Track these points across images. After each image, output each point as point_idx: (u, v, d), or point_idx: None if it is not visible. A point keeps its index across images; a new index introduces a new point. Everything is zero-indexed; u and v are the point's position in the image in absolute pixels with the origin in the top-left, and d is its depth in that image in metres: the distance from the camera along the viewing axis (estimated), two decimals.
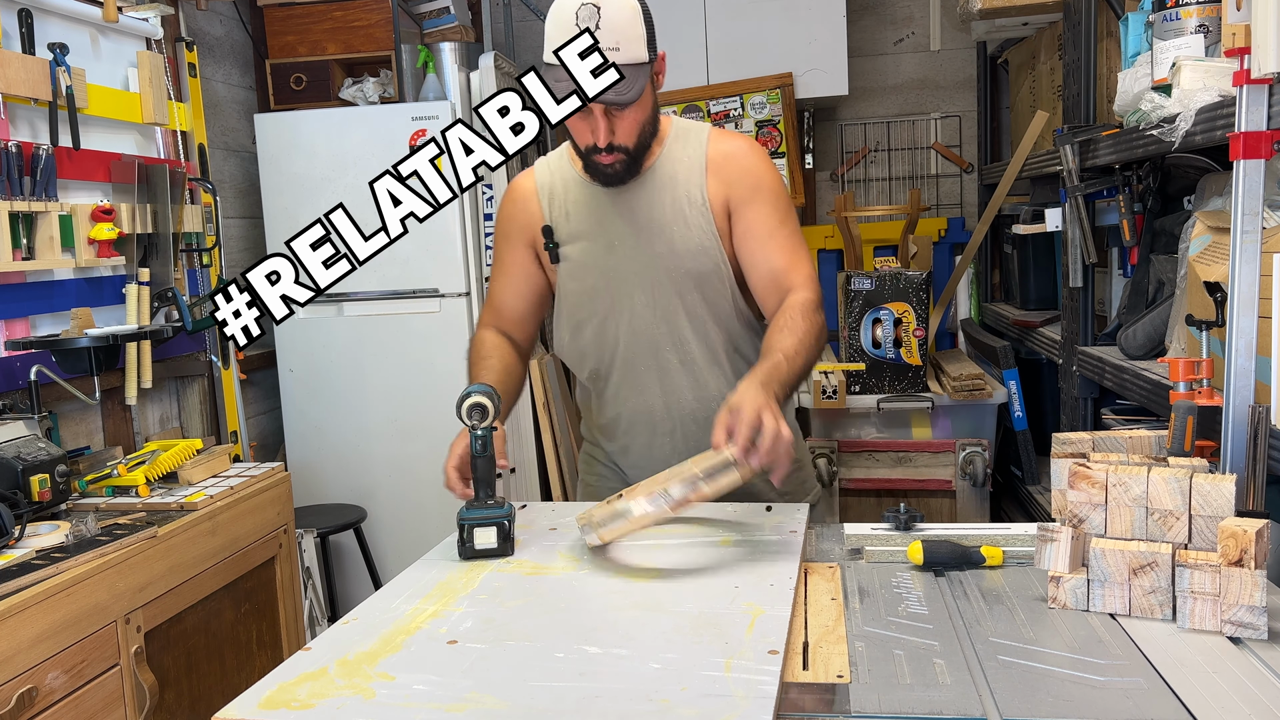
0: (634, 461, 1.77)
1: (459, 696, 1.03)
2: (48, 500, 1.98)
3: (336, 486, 3.43)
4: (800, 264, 1.67)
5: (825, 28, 3.80)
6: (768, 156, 1.73)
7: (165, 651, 2.04)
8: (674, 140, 1.70)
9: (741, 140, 1.73)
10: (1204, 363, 1.65)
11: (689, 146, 1.70)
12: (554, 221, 1.73)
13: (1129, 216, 2.35)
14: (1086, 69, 2.53)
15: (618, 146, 1.59)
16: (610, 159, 1.61)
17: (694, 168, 1.68)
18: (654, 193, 1.68)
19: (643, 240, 1.68)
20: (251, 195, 3.53)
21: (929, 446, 3.18)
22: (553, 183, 1.75)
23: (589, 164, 1.64)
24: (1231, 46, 1.43)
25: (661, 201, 1.67)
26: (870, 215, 4.10)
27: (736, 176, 1.67)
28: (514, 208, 1.78)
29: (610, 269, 1.69)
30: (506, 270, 1.80)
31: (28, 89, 2.38)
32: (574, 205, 1.72)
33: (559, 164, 1.77)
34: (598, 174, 1.65)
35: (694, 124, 1.75)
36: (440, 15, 3.71)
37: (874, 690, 1.04)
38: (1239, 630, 1.13)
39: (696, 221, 1.67)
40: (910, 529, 1.51)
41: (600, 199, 1.70)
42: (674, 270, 1.67)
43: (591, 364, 1.75)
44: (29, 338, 2.40)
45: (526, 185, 1.77)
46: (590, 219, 1.71)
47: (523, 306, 1.81)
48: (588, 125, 1.58)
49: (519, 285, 1.80)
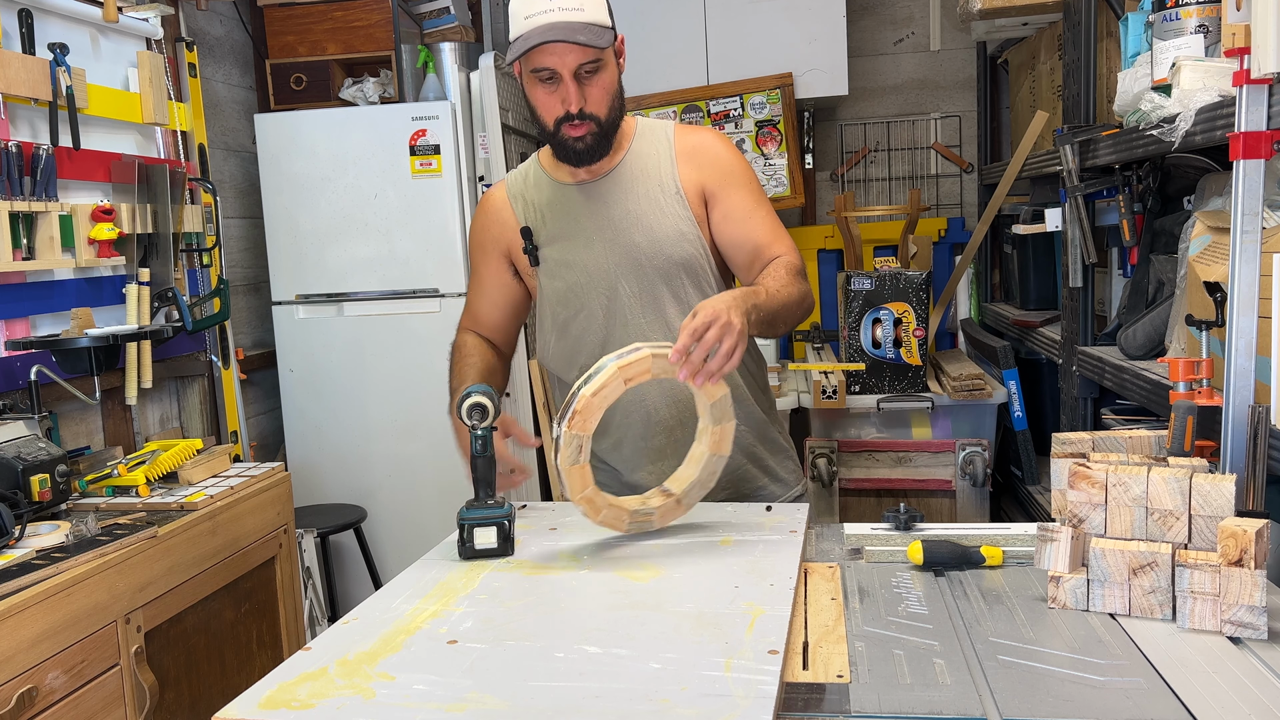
0: (628, 456, 1.76)
1: (459, 696, 1.03)
2: (48, 500, 1.98)
3: (336, 486, 3.43)
4: (782, 238, 1.72)
5: (825, 28, 3.80)
6: (735, 146, 1.78)
7: (165, 651, 2.04)
8: (639, 137, 1.75)
9: (707, 132, 1.78)
10: (1204, 363, 1.65)
11: (656, 140, 1.74)
12: (528, 224, 1.75)
13: (1129, 216, 2.35)
14: (1086, 69, 2.53)
15: (589, 114, 1.61)
16: (581, 129, 1.62)
17: (663, 158, 1.72)
18: (627, 185, 1.71)
19: (621, 231, 1.70)
20: (251, 195, 3.53)
21: (929, 446, 3.18)
22: (524, 189, 1.78)
23: (558, 142, 1.65)
24: (1231, 46, 1.43)
25: (635, 193, 1.70)
26: (870, 215, 4.10)
27: (708, 163, 1.72)
28: (486, 219, 1.81)
29: (591, 263, 1.71)
30: (482, 282, 1.84)
31: (28, 89, 2.38)
32: (548, 207, 1.75)
33: (528, 171, 1.81)
34: (568, 152, 1.66)
35: (657, 121, 1.80)
36: (440, 15, 3.71)
37: (874, 690, 1.04)
38: (1239, 630, 1.13)
39: (672, 208, 1.69)
40: (910, 529, 1.51)
41: (573, 197, 1.73)
42: (655, 258, 1.69)
43: (581, 360, 1.75)
44: (29, 338, 2.40)
45: (498, 196, 1.81)
46: (566, 218, 1.73)
47: (499, 316, 1.86)
48: (557, 96, 1.60)
49: (495, 296, 1.84)
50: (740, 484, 1.77)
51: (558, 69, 1.57)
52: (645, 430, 1.73)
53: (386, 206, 3.30)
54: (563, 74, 1.58)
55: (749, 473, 1.78)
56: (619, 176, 1.72)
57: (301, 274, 3.37)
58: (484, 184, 3.39)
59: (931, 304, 3.35)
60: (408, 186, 3.28)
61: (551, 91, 1.60)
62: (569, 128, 1.62)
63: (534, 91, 1.63)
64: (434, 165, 3.26)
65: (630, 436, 1.75)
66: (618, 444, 1.77)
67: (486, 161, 3.37)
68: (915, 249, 3.82)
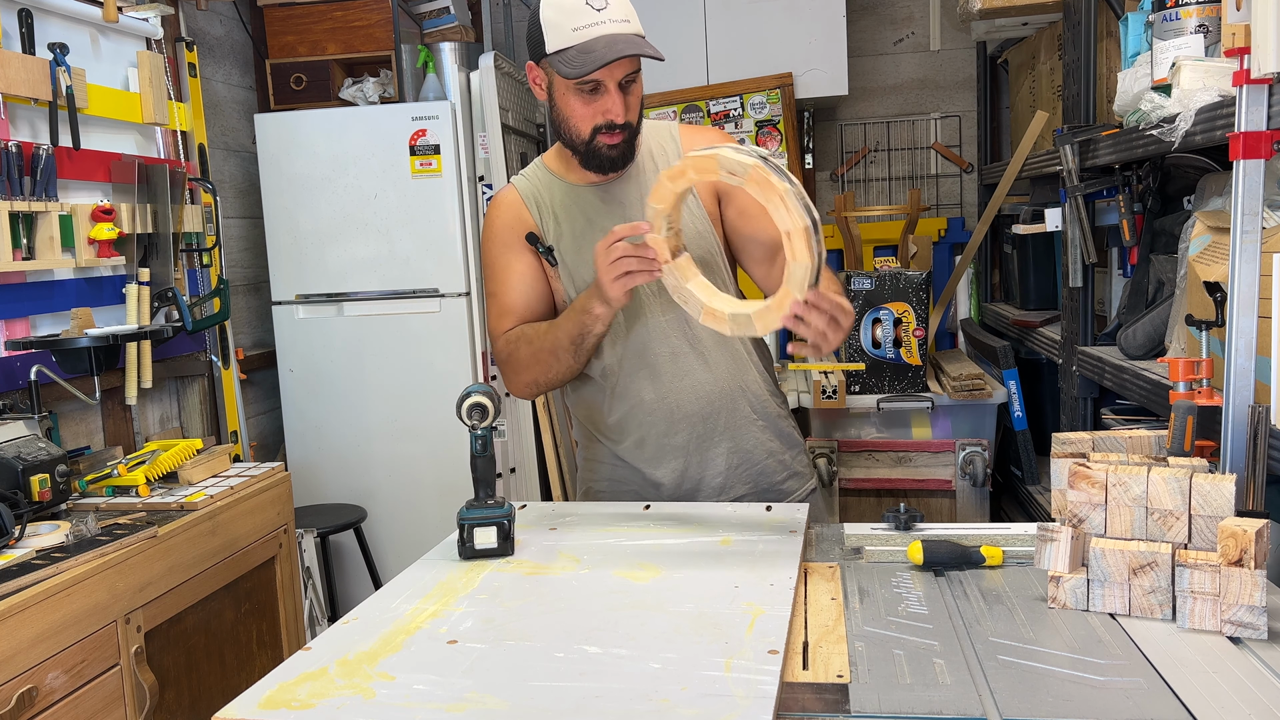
0: (650, 455, 1.75)
1: (459, 696, 1.03)
2: (48, 500, 1.98)
3: (336, 486, 3.43)
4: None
5: (825, 28, 3.80)
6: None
7: (165, 651, 2.04)
8: (648, 137, 1.75)
9: (713, 131, 1.80)
10: (1204, 363, 1.65)
11: (663, 141, 1.76)
12: (544, 226, 1.74)
13: (1129, 216, 2.35)
14: (1086, 69, 2.53)
15: (625, 124, 1.62)
16: (618, 138, 1.63)
17: (671, 158, 1.72)
18: (642, 185, 1.71)
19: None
20: (251, 195, 3.53)
21: (929, 446, 3.18)
22: (535, 190, 1.76)
23: (591, 150, 1.64)
24: (1231, 46, 1.43)
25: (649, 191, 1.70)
26: (870, 215, 4.10)
27: None
28: (508, 215, 1.77)
29: None
30: (520, 275, 1.76)
31: (28, 89, 2.38)
32: (561, 209, 1.74)
33: (536, 174, 1.79)
34: (600, 160, 1.65)
35: (659, 122, 1.80)
36: (440, 15, 3.71)
37: (874, 690, 1.04)
38: (1239, 630, 1.13)
39: (687, 207, 1.70)
40: (910, 529, 1.51)
41: (586, 198, 1.72)
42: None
43: (603, 360, 1.75)
44: (29, 338, 2.40)
45: (511, 196, 1.78)
46: (580, 219, 1.72)
47: (544, 309, 1.77)
48: (598, 106, 1.60)
49: (538, 286, 1.76)
50: (759, 479, 1.78)
51: (606, 80, 1.57)
52: (668, 427, 1.73)
53: (386, 206, 3.30)
54: (610, 86, 1.58)
55: (769, 467, 1.79)
56: (633, 177, 1.72)
57: (301, 274, 3.37)
58: (484, 184, 3.39)
59: (931, 304, 3.35)
60: (408, 186, 3.28)
61: (591, 102, 1.60)
62: (606, 136, 1.62)
63: (568, 100, 1.61)
64: (434, 165, 3.26)
65: (653, 435, 1.74)
66: (640, 442, 1.76)
67: (486, 161, 3.37)
68: (915, 249, 3.81)
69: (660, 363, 1.73)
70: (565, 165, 1.75)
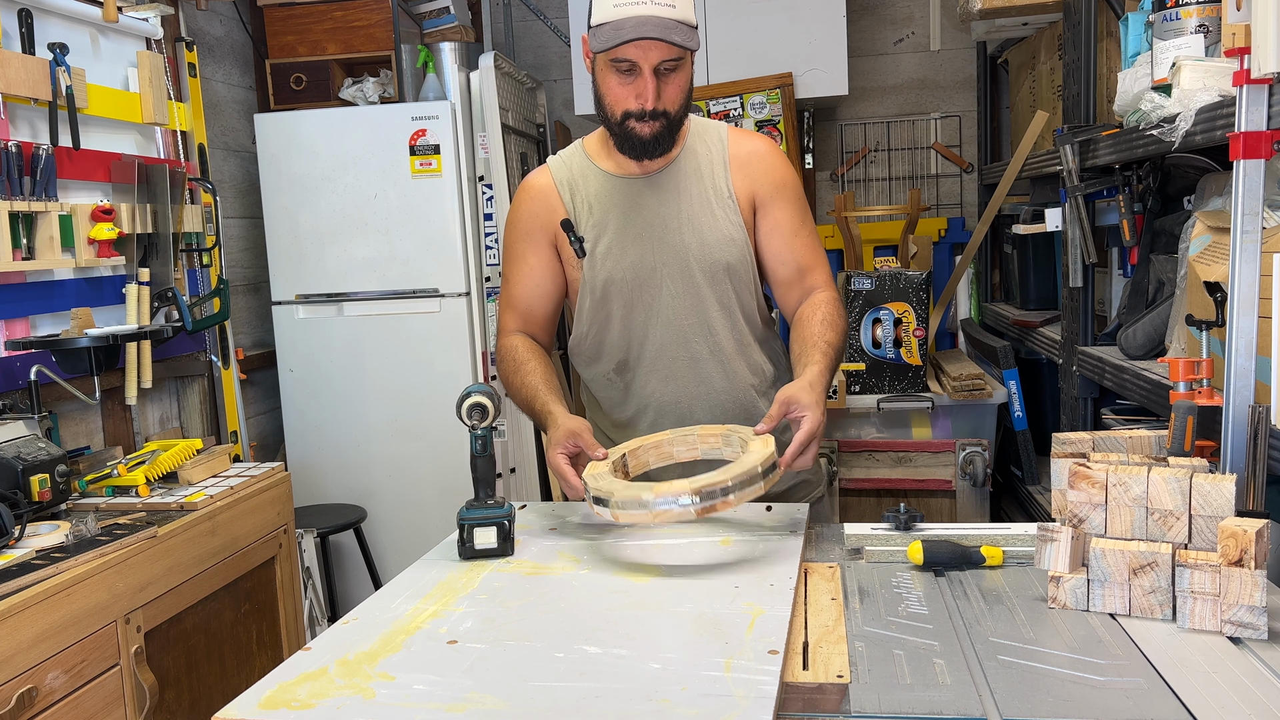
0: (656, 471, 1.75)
1: (459, 696, 1.03)
2: (48, 500, 1.98)
3: (336, 486, 3.43)
4: (823, 263, 1.75)
5: (825, 28, 3.79)
6: (786, 157, 1.78)
7: (165, 651, 2.04)
8: (694, 136, 1.73)
9: (761, 139, 1.76)
10: (1204, 363, 1.65)
11: (709, 142, 1.73)
12: (576, 214, 1.72)
13: (1129, 216, 2.35)
14: (1086, 69, 2.53)
15: (661, 112, 1.59)
16: (652, 126, 1.60)
17: (716, 162, 1.71)
18: (680, 184, 1.70)
19: (671, 230, 1.68)
20: (251, 195, 3.53)
21: (929, 446, 3.18)
22: (571, 177, 1.74)
23: (623, 132, 1.63)
24: (1231, 46, 1.43)
25: (689, 193, 1.69)
26: (870, 215, 4.10)
27: (761, 173, 1.72)
28: (535, 204, 1.74)
29: (638, 260, 1.69)
30: (531, 271, 1.75)
31: (28, 89, 2.38)
32: (595, 198, 1.71)
33: (574, 158, 1.76)
34: (632, 143, 1.63)
35: (710, 121, 1.78)
36: (440, 15, 3.71)
37: (874, 690, 1.04)
38: (1239, 630, 1.13)
39: (724, 213, 1.69)
40: (910, 529, 1.51)
41: (624, 190, 1.71)
42: (703, 260, 1.68)
43: (620, 355, 1.74)
44: (29, 338, 2.40)
45: (543, 181, 1.75)
46: (614, 210, 1.70)
47: (549, 307, 1.78)
48: (632, 89, 1.58)
49: (545, 285, 1.76)
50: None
51: (640, 62, 1.55)
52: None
53: (386, 206, 3.30)
54: (644, 69, 1.56)
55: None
56: (673, 173, 1.70)
57: (301, 274, 3.37)
58: (484, 184, 3.39)
59: (931, 304, 3.35)
60: (407, 186, 3.28)
61: (626, 83, 1.58)
62: (636, 123, 1.60)
63: (606, 78, 1.60)
64: (434, 165, 3.26)
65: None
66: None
67: (486, 161, 3.37)
68: (915, 249, 3.81)
69: (678, 366, 1.72)
70: (606, 150, 1.73)
